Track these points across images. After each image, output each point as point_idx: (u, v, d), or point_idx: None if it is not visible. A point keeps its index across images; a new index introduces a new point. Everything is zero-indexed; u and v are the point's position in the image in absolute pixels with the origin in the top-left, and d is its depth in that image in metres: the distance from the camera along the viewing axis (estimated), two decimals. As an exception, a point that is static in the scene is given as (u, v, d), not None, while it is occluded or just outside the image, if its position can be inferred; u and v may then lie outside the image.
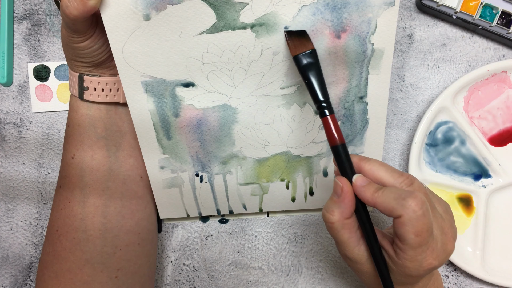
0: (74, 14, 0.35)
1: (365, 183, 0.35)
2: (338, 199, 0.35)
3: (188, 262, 0.52)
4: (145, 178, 0.46)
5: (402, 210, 0.32)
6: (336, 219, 0.35)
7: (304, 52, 0.37)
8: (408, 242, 0.32)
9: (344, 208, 0.35)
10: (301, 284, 0.52)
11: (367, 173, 0.36)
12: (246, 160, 0.46)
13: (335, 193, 0.35)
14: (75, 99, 0.42)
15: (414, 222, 0.32)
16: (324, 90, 0.37)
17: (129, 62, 0.40)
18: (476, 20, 0.49)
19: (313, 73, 0.37)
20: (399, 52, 0.52)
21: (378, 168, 0.35)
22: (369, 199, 0.34)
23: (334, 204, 0.35)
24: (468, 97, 0.50)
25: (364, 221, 0.36)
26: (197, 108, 0.43)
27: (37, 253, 0.52)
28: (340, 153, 0.36)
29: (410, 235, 0.32)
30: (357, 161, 0.36)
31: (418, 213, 0.32)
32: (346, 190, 0.35)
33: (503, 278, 0.49)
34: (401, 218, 0.32)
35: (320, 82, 0.37)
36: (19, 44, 0.53)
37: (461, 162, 0.50)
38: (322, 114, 0.36)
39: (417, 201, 0.32)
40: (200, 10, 0.37)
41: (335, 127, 0.36)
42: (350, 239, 0.36)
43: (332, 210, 0.35)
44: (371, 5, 0.38)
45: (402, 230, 0.32)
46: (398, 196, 0.33)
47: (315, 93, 0.37)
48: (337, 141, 0.35)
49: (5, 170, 0.53)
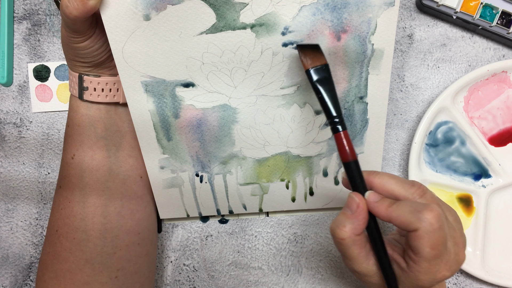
0: (74, 14, 0.35)
1: (378, 198, 0.34)
2: (352, 214, 0.34)
3: (188, 262, 0.52)
4: (145, 178, 0.46)
5: (419, 224, 0.31)
6: (347, 235, 0.34)
7: (317, 67, 0.37)
8: (423, 255, 0.32)
9: (357, 225, 0.34)
10: (301, 284, 0.52)
11: (377, 187, 0.35)
12: (246, 160, 0.46)
13: (348, 208, 0.34)
14: (75, 99, 0.42)
15: (431, 235, 0.31)
16: (337, 105, 0.36)
17: (129, 62, 0.40)
18: (476, 20, 0.49)
19: (326, 88, 0.36)
20: (399, 52, 0.52)
21: (388, 181, 0.35)
22: (383, 214, 0.33)
23: (347, 220, 0.34)
24: (468, 97, 0.50)
25: (375, 237, 0.35)
26: (197, 108, 0.43)
27: (37, 253, 0.52)
28: (352, 169, 0.35)
29: (426, 248, 0.32)
30: (366, 176, 0.36)
31: (435, 226, 0.31)
32: (362, 207, 0.34)
33: (503, 278, 0.49)
34: (418, 231, 0.32)
35: (333, 97, 0.36)
36: (19, 44, 0.53)
37: (461, 162, 0.50)
38: (334, 130, 0.36)
39: (433, 214, 0.31)
40: (200, 10, 0.37)
41: (347, 143, 0.35)
42: (360, 254, 0.35)
43: (344, 226, 0.34)
44: (371, 5, 0.38)
45: (417, 243, 0.32)
46: (414, 209, 0.32)
47: (327, 109, 0.36)
48: (350, 157, 0.35)
49: (5, 170, 0.53)
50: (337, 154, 0.46)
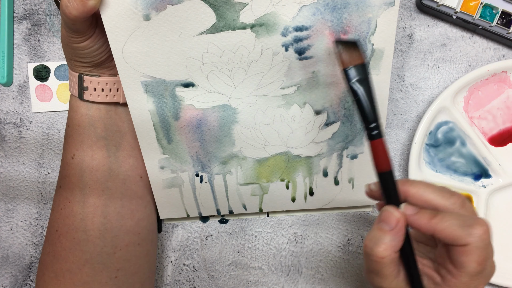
0: (74, 14, 0.35)
1: (415, 211, 0.32)
2: (392, 231, 0.32)
3: (188, 262, 0.52)
4: (145, 178, 0.46)
5: (469, 238, 0.30)
6: (388, 253, 0.32)
7: (355, 65, 0.34)
8: (467, 270, 0.30)
9: (398, 241, 0.32)
10: (301, 284, 0.52)
11: (414, 196, 0.33)
12: (246, 160, 0.46)
13: (386, 223, 0.32)
14: (75, 99, 0.42)
15: (481, 252, 0.30)
16: (375, 109, 0.33)
17: (129, 62, 0.40)
18: (476, 20, 0.49)
19: (364, 90, 0.33)
20: (399, 52, 0.52)
21: (426, 191, 0.33)
22: (426, 226, 0.31)
23: (385, 236, 0.32)
24: (468, 97, 0.50)
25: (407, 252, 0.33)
26: (197, 108, 0.43)
27: (37, 253, 0.52)
28: (388, 180, 0.33)
29: (473, 264, 0.30)
30: (400, 186, 0.34)
31: (486, 241, 0.30)
32: (402, 221, 0.32)
33: (503, 278, 0.49)
34: (467, 246, 0.30)
35: (371, 101, 0.33)
36: (19, 44, 0.53)
37: (461, 162, 0.50)
38: (371, 137, 0.33)
39: (485, 230, 0.30)
40: (200, 10, 0.37)
41: (384, 153, 0.33)
42: (393, 272, 0.33)
43: (384, 243, 0.32)
44: (371, 5, 0.38)
45: (465, 258, 0.30)
46: (463, 223, 0.31)
47: (364, 113, 0.33)
48: (385, 167, 0.33)
49: (5, 170, 0.53)
50: (337, 154, 0.46)
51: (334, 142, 0.46)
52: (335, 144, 0.46)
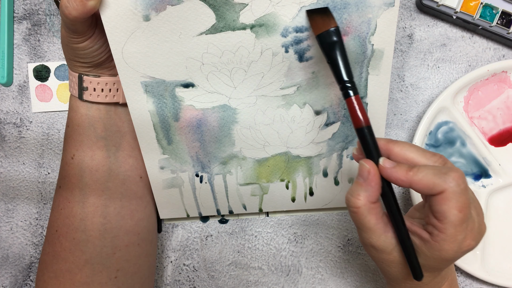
0: (73, 15, 0.35)
1: (393, 164, 0.33)
2: (365, 182, 0.33)
3: (188, 262, 0.52)
4: (145, 178, 0.46)
5: (445, 185, 0.31)
6: (362, 203, 0.33)
7: (328, 30, 0.36)
8: (450, 219, 0.31)
9: (371, 192, 0.33)
10: (301, 284, 0.52)
11: (396, 155, 0.34)
12: (246, 161, 0.46)
13: (361, 176, 0.34)
14: (74, 99, 0.42)
15: (458, 197, 0.31)
16: (349, 69, 0.35)
17: (128, 63, 0.40)
18: (476, 20, 0.49)
19: (337, 52, 0.35)
20: (399, 52, 0.51)
21: (409, 149, 0.34)
22: (403, 178, 0.32)
23: (360, 188, 0.33)
24: (468, 97, 0.50)
25: (392, 205, 0.34)
26: (197, 109, 0.43)
27: (37, 253, 0.52)
28: (365, 135, 0.34)
29: (454, 210, 0.31)
30: (384, 144, 0.35)
31: (461, 186, 0.31)
32: (373, 172, 0.33)
33: (503, 278, 0.49)
34: (444, 193, 0.31)
35: (345, 61, 0.35)
36: (19, 44, 0.53)
37: (461, 162, 0.50)
38: (346, 95, 0.35)
39: (459, 175, 0.31)
40: (199, 11, 0.37)
41: (360, 108, 0.34)
42: (377, 225, 0.34)
43: (358, 194, 0.33)
44: (371, 5, 0.38)
45: (445, 206, 0.31)
46: (439, 171, 0.31)
47: (339, 73, 0.35)
48: (362, 122, 0.34)
49: (5, 170, 0.53)
50: (337, 154, 0.46)
51: (334, 142, 0.46)
52: (335, 144, 0.46)
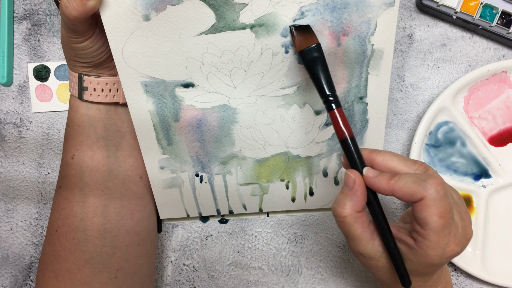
0: (73, 15, 0.35)
1: (376, 173, 0.34)
2: (350, 192, 0.34)
3: (188, 262, 0.52)
4: (145, 178, 0.46)
5: (424, 192, 0.31)
6: (348, 213, 0.34)
7: (309, 47, 0.37)
8: (431, 226, 0.32)
9: (357, 201, 0.34)
10: (301, 284, 0.52)
11: (379, 164, 0.35)
12: (246, 160, 0.46)
13: (346, 186, 0.35)
14: (74, 99, 0.42)
15: (438, 203, 0.31)
16: (331, 84, 0.36)
17: (128, 63, 0.40)
18: (476, 20, 0.49)
19: (319, 67, 0.37)
20: (399, 52, 0.51)
21: (390, 158, 0.35)
22: (385, 187, 0.33)
23: (346, 198, 0.34)
24: (468, 97, 0.50)
25: (377, 213, 0.35)
26: (197, 109, 0.43)
27: (37, 253, 0.52)
28: (349, 146, 0.35)
29: (434, 217, 0.31)
30: (368, 154, 0.36)
31: (440, 193, 0.31)
32: (358, 182, 0.34)
33: (503, 278, 0.49)
34: (424, 200, 0.31)
35: (326, 76, 0.37)
36: (19, 44, 0.53)
37: (461, 162, 0.50)
38: (329, 108, 0.36)
39: (438, 181, 0.32)
40: (199, 11, 0.37)
41: (342, 121, 0.35)
42: (363, 233, 0.35)
43: (344, 204, 0.34)
44: (370, 5, 0.38)
45: (425, 213, 0.32)
46: (417, 179, 0.32)
47: (321, 87, 0.36)
48: (346, 134, 0.35)
49: (5, 170, 0.53)
50: (337, 154, 0.46)
51: (334, 142, 0.46)
52: (335, 144, 0.46)
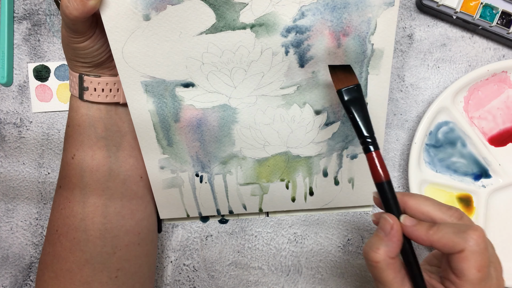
0: (74, 15, 0.35)
1: (414, 222, 0.33)
2: (386, 237, 0.33)
3: (188, 262, 0.52)
4: (145, 178, 0.46)
5: (465, 244, 0.31)
6: (381, 258, 0.33)
7: (348, 87, 0.37)
8: (469, 278, 0.31)
9: (392, 247, 0.33)
10: (301, 284, 0.52)
11: (412, 208, 0.34)
12: (246, 160, 0.46)
13: (382, 230, 0.34)
14: (75, 99, 0.42)
15: (477, 256, 0.31)
16: (369, 125, 0.36)
17: (129, 63, 0.40)
18: (476, 20, 0.49)
19: (357, 108, 0.36)
20: (399, 52, 0.52)
21: (424, 203, 0.34)
22: (423, 237, 0.32)
23: (381, 242, 0.33)
24: (468, 97, 0.50)
25: (411, 262, 0.34)
26: (197, 108, 0.43)
27: (37, 253, 0.52)
28: (385, 190, 0.34)
29: (472, 270, 0.31)
30: (400, 197, 0.35)
31: (481, 246, 0.31)
32: (396, 228, 0.33)
33: (503, 278, 0.49)
34: (464, 252, 0.31)
35: (365, 117, 0.36)
36: (19, 44, 0.53)
37: (461, 162, 0.50)
38: (366, 150, 0.35)
39: (479, 234, 0.31)
40: (199, 10, 0.37)
41: (380, 164, 0.35)
42: (395, 279, 0.33)
43: (378, 248, 0.33)
44: (370, 5, 0.38)
45: (463, 265, 0.31)
46: (458, 230, 0.31)
47: (359, 129, 0.36)
48: (383, 178, 0.34)
49: (5, 170, 0.53)
50: (337, 154, 0.46)
51: (334, 142, 0.46)
52: (335, 144, 0.46)
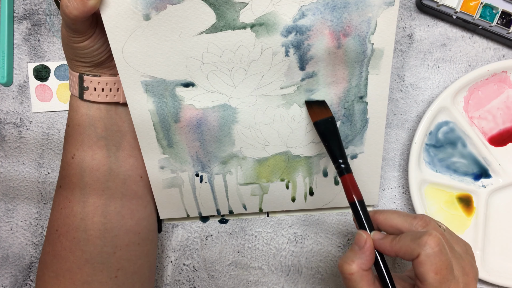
0: (74, 14, 0.35)
1: (382, 236, 0.36)
2: (360, 250, 0.35)
3: (188, 262, 0.52)
4: (145, 178, 0.46)
5: (419, 249, 0.32)
6: (355, 270, 0.35)
7: (323, 119, 0.41)
8: (428, 282, 0.32)
9: (365, 260, 0.35)
10: (301, 284, 0.52)
11: (382, 223, 0.37)
12: (246, 160, 0.46)
13: (356, 245, 0.36)
14: (75, 99, 0.42)
15: (432, 259, 0.32)
16: (342, 152, 0.40)
17: (129, 62, 0.40)
18: (476, 20, 0.49)
19: (332, 137, 0.41)
20: (399, 52, 0.52)
21: (391, 216, 0.37)
22: (389, 248, 0.35)
23: (355, 255, 0.35)
24: (468, 97, 0.50)
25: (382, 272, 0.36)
26: (197, 108, 0.43)
27: (37, 253, 0.52)
28: (357, 209, 0.37)
29: (430, 273, 0.32)
30: (372, 215, 0.38)
31: (435, 249, 0.32)
32: (369, 243, 0.35)
33: (503, 278, 0.49)
34: (419, 257, 0.32)
35: (338, 145, 0.40)
36: (19, 44, 0.53)
37: (461, 162, 0.50)
38: (340, 173, 0.39)
39: (432, 238, 0.32)
40: (200, 10, 0.37)
41: (352, 186, 0.38)
42: None
43: (352, 261, 0.35)
44: (370, 5, 0.38)
45: (421, 269, 0.32)
46: (414, 237, 0.33)
47: (334, 155, 0.40)
48: (355, 198, 0.38)
49: (5, 170, 0.53)
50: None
51: (334, 142, 0.46)
52: (335, 144, 0.46)
